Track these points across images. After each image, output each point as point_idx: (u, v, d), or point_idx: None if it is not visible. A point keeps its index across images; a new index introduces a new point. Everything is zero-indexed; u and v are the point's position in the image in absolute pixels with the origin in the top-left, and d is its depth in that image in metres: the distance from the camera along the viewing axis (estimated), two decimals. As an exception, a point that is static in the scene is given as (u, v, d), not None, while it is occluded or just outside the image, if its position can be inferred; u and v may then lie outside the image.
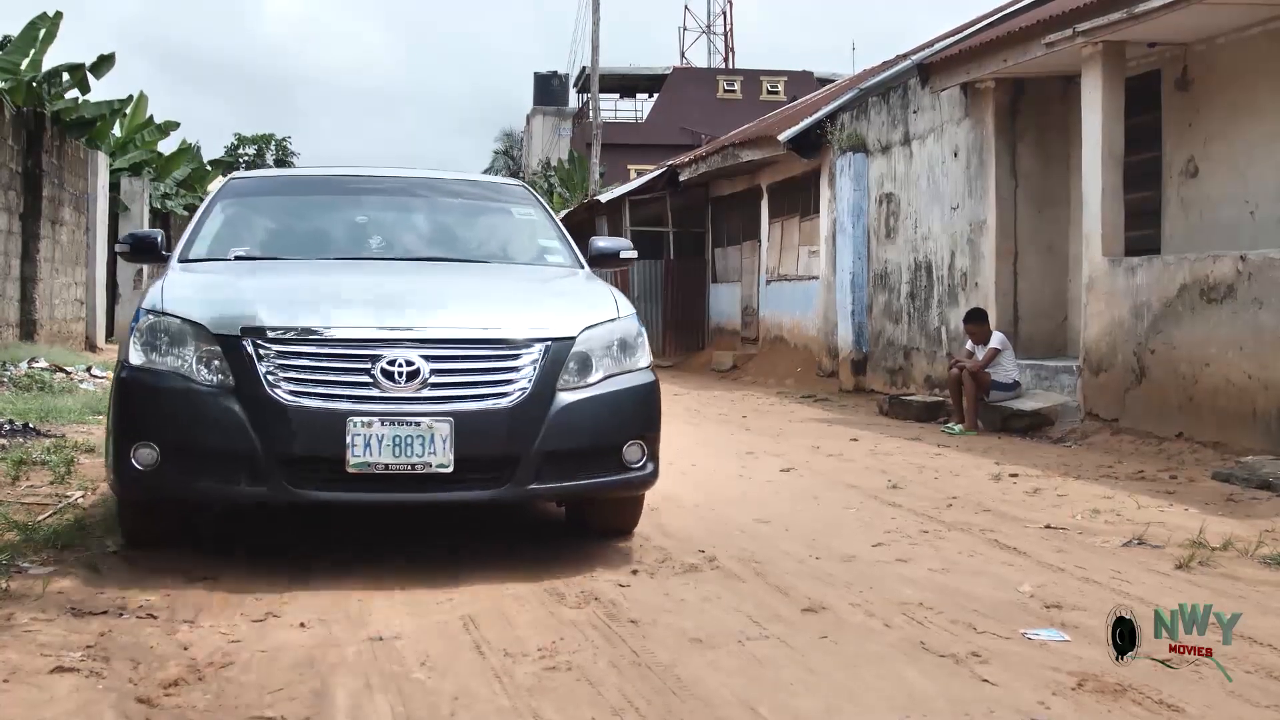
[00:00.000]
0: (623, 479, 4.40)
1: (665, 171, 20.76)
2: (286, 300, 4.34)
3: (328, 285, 4.66)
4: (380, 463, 3.98)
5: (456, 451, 4.02)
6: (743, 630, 3.60)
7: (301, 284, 4.70)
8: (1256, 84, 8.56)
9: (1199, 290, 7.68)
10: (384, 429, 3.98)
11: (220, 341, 4.10)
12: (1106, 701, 2.99)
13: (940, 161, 11.89)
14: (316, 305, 4.27)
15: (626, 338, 4.52)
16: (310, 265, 5.08)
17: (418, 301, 4.44)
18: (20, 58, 17.15)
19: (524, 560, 4.49)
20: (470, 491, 4.19)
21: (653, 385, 4.55)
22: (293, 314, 4.17)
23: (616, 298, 4.73)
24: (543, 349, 4.22)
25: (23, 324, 14.94)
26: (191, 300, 4.36)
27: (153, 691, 2.99)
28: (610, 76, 42.47)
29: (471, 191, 6.05)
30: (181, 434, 4.10)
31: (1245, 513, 5.64)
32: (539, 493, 4.34)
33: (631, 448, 4.37)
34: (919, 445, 8.58)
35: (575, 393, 4.27)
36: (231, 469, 4.06)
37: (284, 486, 4.03)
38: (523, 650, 3.35)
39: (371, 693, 3.02)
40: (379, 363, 4.05)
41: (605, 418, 4.32)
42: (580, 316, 4.45)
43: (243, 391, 4.03)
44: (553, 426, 4.17)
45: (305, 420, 4.00)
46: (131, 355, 4.23)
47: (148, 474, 4.09)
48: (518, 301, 4.67)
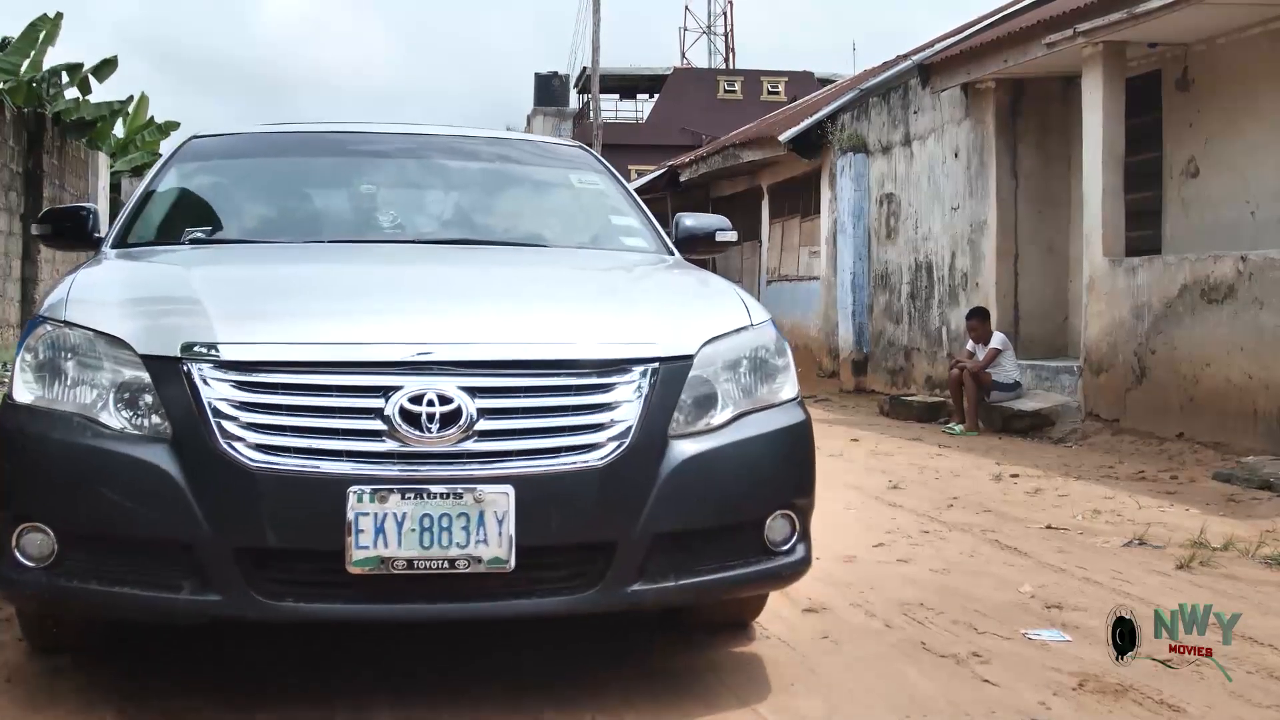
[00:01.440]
0: (766, 570, 2.97)
1: (666, 172, 20.77)
2: (253, 301, 3.02)
3: (317, 280, 3.30)
4: (400, 558, 2.57)
5: (519, 538, 2.61)
6: (743, 630, 3.59)
7: (278, 277, 3.32)
8: (1257, 84, 8.56)
9: (1200, 290, 7.67)
10: (406, 505, 2.57)
11: (150, 366, 2.69)
12: (1107, 702, 2.99)
13: (941, 162, 11.89)
14: (297, 308, 2.97)
15: (765, 355, 3.11)
16: (294, 251, 3.63)
17: (451, 303, 3.08)
18: (20, 59, 17.16)
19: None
20: (540, 599, 2.74)
21: (804, 426, 3.14)
22: (259, 322, 2.84)
23: (745, 299, 3.33)
24: (647, 374, 2.80)
25: (23, 325, 14.96)
26: (111, 303, 2.92)
27: (156, 691, 2.97)
28: (611, 77, 42.46)
29: (516, 154, 4.58)
30: (88, 513, 2.65)
31: (1246, 513, 5.63)
32: (646, 597, 2.78)
33: (777, 521, 2.98)
34: (920, 445, 8.58)
35: (697, 441, 2.84)
36: (167, 568, 2.63)
37: (249, 596, 2.60)
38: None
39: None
40: (397, 398, 2.63)
41: (741, 478, 2.93)
42: (697, 323, 3.02)
43: (183, 444, 2.62)
44: (666, 493, 2.76)
45: (281, 492, 2.58)
46: (17, 388, 2.80)
47: (39, 573, 2.67)
48: (600, 303, 3.23)
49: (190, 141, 4.29)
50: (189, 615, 2.73)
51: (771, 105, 35.92)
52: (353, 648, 3.34)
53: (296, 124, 4.97)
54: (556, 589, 2.74)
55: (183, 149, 4.19)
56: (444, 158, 4.35)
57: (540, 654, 3.32)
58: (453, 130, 4.55)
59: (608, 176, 4.35)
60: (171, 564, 2.63)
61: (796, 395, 3.17)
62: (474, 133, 4.59)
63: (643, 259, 3.86)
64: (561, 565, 2.75)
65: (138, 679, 3.08)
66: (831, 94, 17.68)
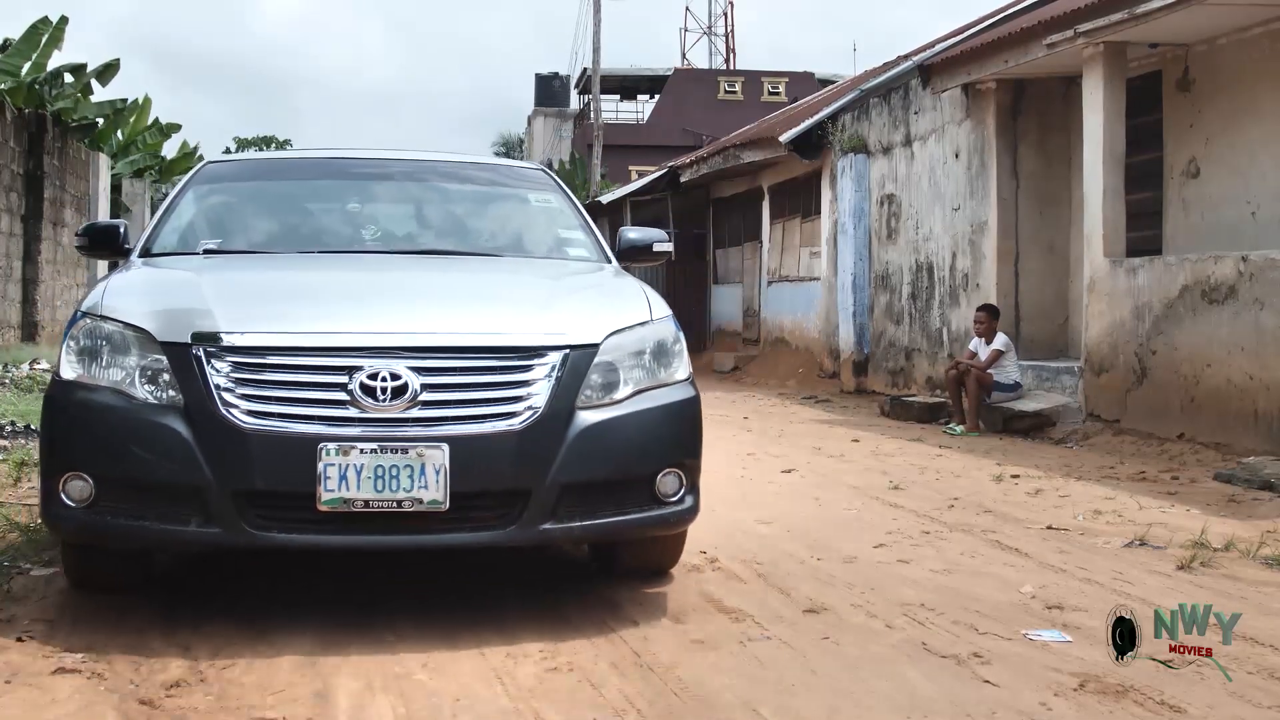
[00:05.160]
0: (656, 515, 3.71)
1: (666, 173, 20.75)
2: (250, 300, 3.78)
3: (304, 282, 4.08)
4: (359, 499, 3.31)
5: (453, 485, 3.35)
6: (744, 631, 3.60)
7: (273, 281, 4.12)
8: (1258, 84, 8.56)
9: (1200, 291, 7.68)
10: (364, 458, 3.31)
11: (169, 352, 3.44)
12: (1108, 702, 2.99)
13: (941, 162, 11.89)
14: (284, 306, 3.75)
15: (662, 344, 3.85)
16: (289, 260, 4.44)
17: (407, 300, 3.86)
18: (22, 61, 17.15)
19: (527, 562, 4.49)
20: (470, 534, 3.50)
21: (693, 401, 3.90)
22: (255, 318, 3.58)
23: (650, 296, 4.07)
24: (560, 358, 3.55)
25: (24, 326, 14.96)
26: (138, 301, 3.70)
27: (154, 693, 2.99)
28: (611, 78, 42.48)
29: (482, 176, 5.36)
30: (119, 464, 3.43)
31: (1247, 513, 5.63)
32: (554, 534, 3.59)
33: (667, 477, 3.70)
34: (920, 446, 8.58)
35: (599, 411, 3.59)
36: (179, 506, 3.40)
37: (241, 528, 3.35)
38: (524, 652, 3.35)
39: (374, 693, 3.02)
40: (358, 375, 3.37)
41: (636, 441, 3.67)
42: (605, 318, 3.77)
43: (193, 412, 3.37)
44: (572, 452, 3.50)
45: (267, 447, 3.33)
46: (63, 368, 3.59)
47: (80, 511, 3.44)
48: (530, 301, 3.95)
49: (205, 166, 5.14)
50: (195, 544, 3.69)
51: (772, 106, 35.94)
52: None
53: (295, 151, 6.24)
54: (483, 525, 3.49)
55: (199, 173, 5.02)
56: (418, 180, 5.22)
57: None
58: (428, 155, 5.41)
59: (561, 195, 5.10)
60: (182, 504, 3.39)
61: (688, 376, 3.94)
62: (446, 157, 5.47)
63: (581, 267, 4.60)
64: (487, 507, 3.49)
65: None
66: (832, 94, 17.68)
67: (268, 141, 62.48)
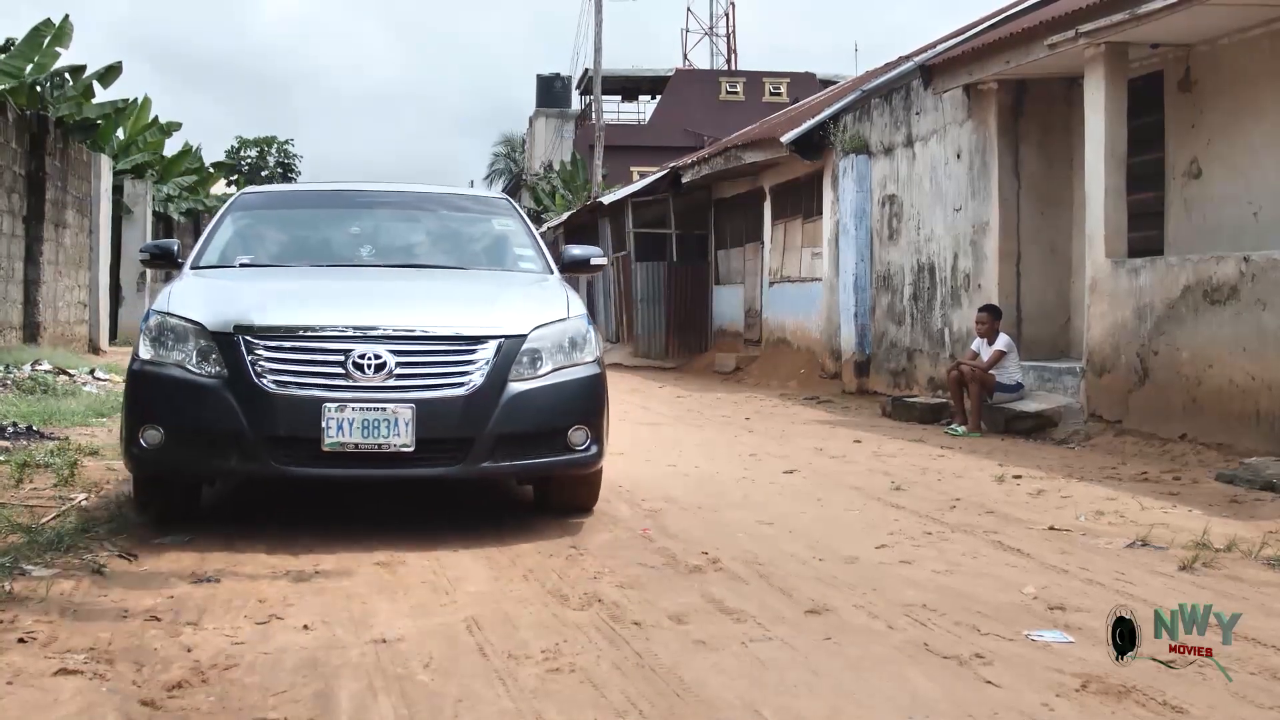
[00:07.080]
0: (568, 459, 4.97)
1: (668, 173, 20.76)
2: (275, 302, 4.96)
3: (315, 289, 5.36)
4: (351, 442, 4.58)
5: (418, 433, 4.62)
6: (746, 632, 3.60)
7: (291, 288, 5.33)
8: (1259, 85, 8.56)
9: (1202, 291, 7.67)
10: (354, 414, 4.58)
11: (216, 339, 4.73)
12: (1110, 703, 2.99)
13: (943, 163, 11.88)
14: (300, 306, 4.93)
15: (575, 335, 5.11)
16: (304, 271, 5.73)
17: (389, 302, 5.09)
18: (24, 62, 17.15)
19: (527, 563, 4.49)
20: (430, 469, 4.77)
21: (597, 377, 5.12)
22: (278, 314, 4.82)
23: (570, 300, 5.34)
24: (497, 344, 4.81)
25: (26, 326, 14.97)
26: (194, 303, 4.98)
27: (156, 694, 2.99)
28: (613, 78, 42.48)
29: (458, 204, 6.82)
30: (182, 418, 4.74)
31: (1249, 514, 5.63)
32: (491, 470, 4.87)
33: (576, 432, 4.95)
34: (922, 447, 8.58)
35: (525, 383, 4.85)
36: (225, 448, 4.69)
37: (269, 463, 4.66)
38: (526, 653, 3.35)
39: (375, 695, 3.02)
40: (351, 356, 4.65)
41: (552, 405, 4.90)
42: (533, 316, 5.03)
43: (235, 382, 4.65)
44: (504, 412, 4.75)
45: (287, 406, 4.61)
46: (141, 350, 4.90)
47: (153, 451, 4.74)
48: (479, 302, 5.21)
49: (240, 196, 6.63)
50: (236, 474, 5.13)
51: (773, 106, 35.96)
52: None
53: (309, 184, 8.03)
54: (439, 463, 4.77)
55: (237, 200, 6.50)
56: (404, 209, 6.68)
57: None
58: (415, 189, 6.95)
59: (518, 219, 6.52)
60: (226, 446, 4.71)
61: (595, 359, 5.18)
62: (429, 190, 6.98)
63: (526, 278, 5.88)
64: (442, 449, 4.74)
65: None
66: (833, 95, 17.67)
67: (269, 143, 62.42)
